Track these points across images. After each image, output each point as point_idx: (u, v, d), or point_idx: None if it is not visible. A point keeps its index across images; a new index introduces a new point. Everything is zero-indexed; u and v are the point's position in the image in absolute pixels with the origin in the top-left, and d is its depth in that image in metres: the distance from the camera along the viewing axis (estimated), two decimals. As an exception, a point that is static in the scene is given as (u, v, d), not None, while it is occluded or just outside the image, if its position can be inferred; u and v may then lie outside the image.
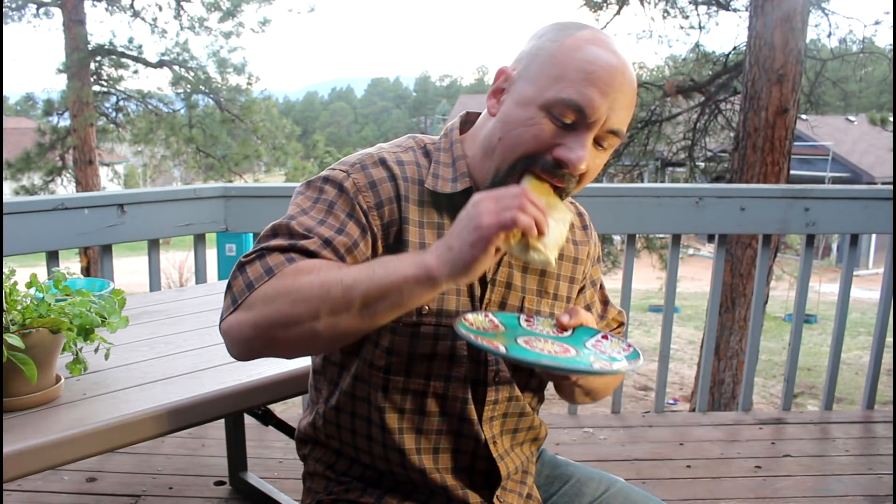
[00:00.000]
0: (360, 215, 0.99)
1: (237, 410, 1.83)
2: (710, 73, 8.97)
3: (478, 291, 1.06)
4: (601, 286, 1.25)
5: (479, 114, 1.11)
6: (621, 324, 1.28)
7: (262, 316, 0.90)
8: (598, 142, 0.98)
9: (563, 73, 0.94)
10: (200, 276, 2.57)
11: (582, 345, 1.00)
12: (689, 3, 9.32)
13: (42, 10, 11.75)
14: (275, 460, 2.35)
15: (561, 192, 1.00)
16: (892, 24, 8.46)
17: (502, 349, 0.92)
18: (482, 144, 1.03)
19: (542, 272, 1.12)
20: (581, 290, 1.20)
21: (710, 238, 3.05)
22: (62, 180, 11.97)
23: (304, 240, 0.95)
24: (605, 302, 1.25)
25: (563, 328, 1.02)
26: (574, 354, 0.96)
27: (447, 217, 1.04)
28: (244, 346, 0.93)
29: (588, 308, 1.21)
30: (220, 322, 0.95)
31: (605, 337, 1.02)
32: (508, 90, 1.01)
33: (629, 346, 0.99)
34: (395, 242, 1.01)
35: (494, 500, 1.09)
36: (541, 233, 0.87)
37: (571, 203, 1.21)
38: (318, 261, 0.93)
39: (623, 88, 0.96)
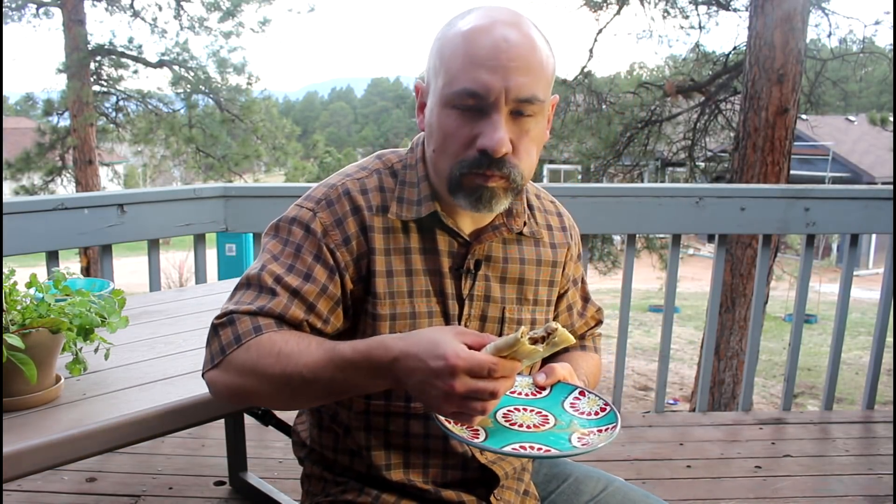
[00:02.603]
0: (328, 256, 1.01)
1: (237, 410, 1.83)
2: (710, 73, 8.98)
3: (455, 310, 1.06)
4: (582, 282, 1.26)
5: None
6: (599, 322, 1.29)
7: (233, 383, 0.96)
8: (517, 114, 0.96)
9: (450, 67, 0.95)
10: (200, 276, 2.57)
11: (560, 407, 1.00)
12: (689, 3, 9.33)
13: (42, 10, 11.74)
14: (275, 460, 2.35)
15: (509, 181, 0.97)
16: (892, 24, 8.47)
17: (482, 434, 0.93)
18: (429, 162, 1.05)
19: (520, 280, 1.12)
20: (563, 293, 1.21)
21: (710, 238, 3.06)
22: (62, 180, 11.97)
23: (272, 298, 0.98)
24: (586, 299, 1.27)
25: (540, 388, 1.03)
26: (553, 425, 0.97)
27: (414, 240, 1.05)
28: (223, 400, 1.03)
29: (569, 308, 1.23)
30: (203, 373, 1.00)
31: (581, 394, 1.02)
32: (426, 101, 1.03)
33: (606, 404, 0.99)
34: (366, 273, 1.03)
35: (491, 498, 1.09)
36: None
37: (552, 202, 1.22)
38: (281, 338, 0.95)
39: (516, 55, 0.93)
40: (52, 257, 2.26)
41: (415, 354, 0.86)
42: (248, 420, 2.21)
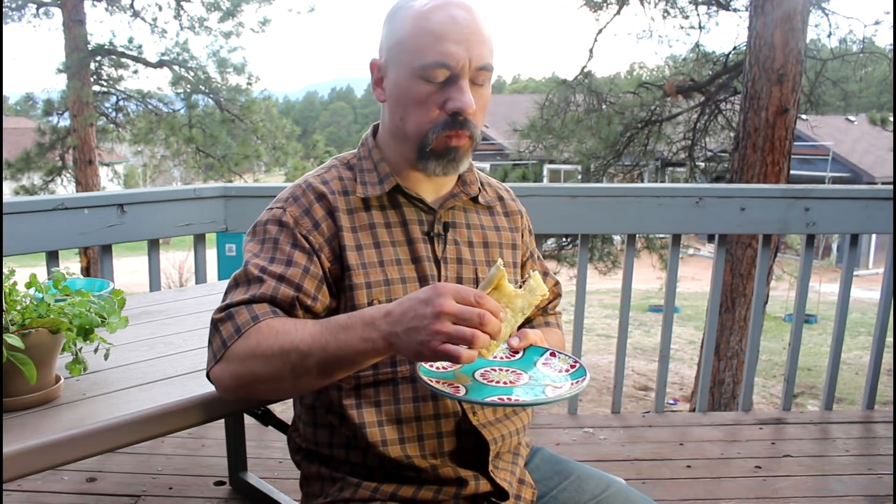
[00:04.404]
0: (303, 242, 1.10)
1: (237, 410, 1.83)
2: (710, 73, 8.97)
3: (433, 272, 1.14)
4: (539, 258, 1.35)
5: None
6: (558, 295, 1.37)
7: (237, 372, 1.01)
8: (474, 82, 1.08)
9: (416, 43, 1.06)
10: (200, 276, 2.57)
11: (533, 365, 1.07)
12: (689, 3, 9.32)
13: (42, 10, 11.72)
14: (275, 460, 2.35)
15: (472, 140, 1.10)
16: (892, 24, 8.46)
17: (462, 390, 0.98)
18: (391, 131, 1.15)
19: (485, 243, 1.22)
20: (523, 263, 1.29)
21: (710, 238, 3.06)
22: (62, 180, 11.96)
23: (261, 284, 1.06)
24: (545, 273, 1.34)
25: (514, 351, 1.09)
26: (527, 381, 1.03)
27: (377, 216, 1.15)
28: (230, 394, 1.05)
29: None
30: (207, 372, 1.06)
31: (552, 354, 1.09)
32: (385, 76, 1.13)
33: (576, 362, 1.06)
34: (339, 251, 1.11)
35: (490, 472, 1.12)
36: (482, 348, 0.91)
37: (499, 183, 1.32)
38: (278, 322, 1.01)
39: (472, 29, 1.06)
40: (52, 257, 2.26)
41: (406, 298, 0.93)
42: (248, 420, 2.21)
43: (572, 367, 1.05)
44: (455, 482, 1.11)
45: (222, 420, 2.17)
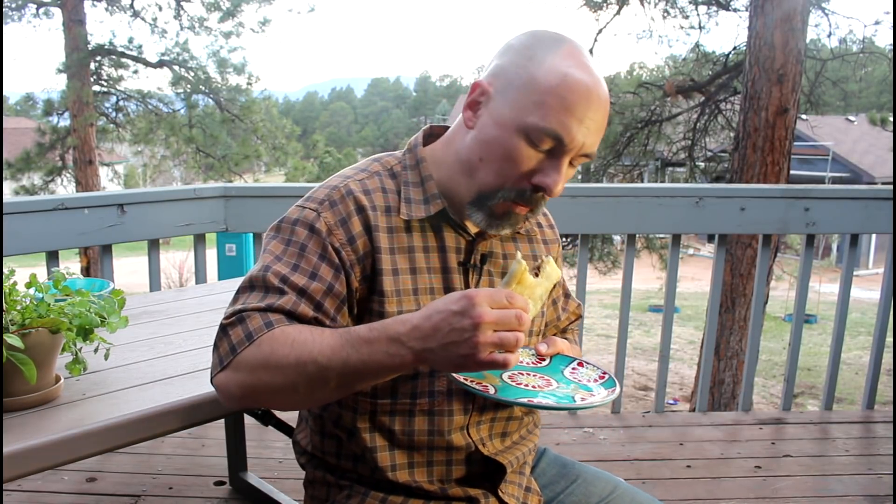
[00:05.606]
0: (333, 255, 1.01)
1: (237, 410, 1.83)
2: (710, 73, 8.98)
3: None
4: (562, 281, 1.32)
5: (444, 128, 1.14)
6: (579, 316, 1.35)
7: (246, 381, 0.94)
8: (570, 162, 1.01)
9: (543, 100, 0.96)
10: (200, 276, 2.57)
11: (560, 373, 1.06)
12: (689, 3, 9.33)
13: (42, 10, 11.75)
14: (275, 460, 2.35)
15: (532, 214, 1.06)
16: (892, 24, 8.47)
17: (491, 390, 0.97)
18: (460, 160, 1.05)
19: None
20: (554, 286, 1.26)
21: (710, 238, 3.06)
22: (62, 180, 11.98)
23: (280, 296, 0.97)
24: (567, 295, 1.33)
25: (541, 357, 1.08)
26: (556, 387, 1.03)
27: (417, 239, 1.07)
28: (235, 403, 0.98)
29: (554, 302, 1.28)
30: (212, 378, 0.99)
31: (580, 364, 1.09)
32: (485, 105, 1.01)
33: (604, 373, 1.06)
34: (371, 272, 1.03)
35: (499, 492, 1.11)
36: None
37: None
38: (294, 330, 0.94)
39: (598, 112, 0.98)
40: (52, 257, 2.26)
41: (433, 310, 0.87)
42: (248, 420, 2.21)
43: (601, 377, 1.05)
44: (464, 499, 1.10)
45: (222, 420, 2.17)
